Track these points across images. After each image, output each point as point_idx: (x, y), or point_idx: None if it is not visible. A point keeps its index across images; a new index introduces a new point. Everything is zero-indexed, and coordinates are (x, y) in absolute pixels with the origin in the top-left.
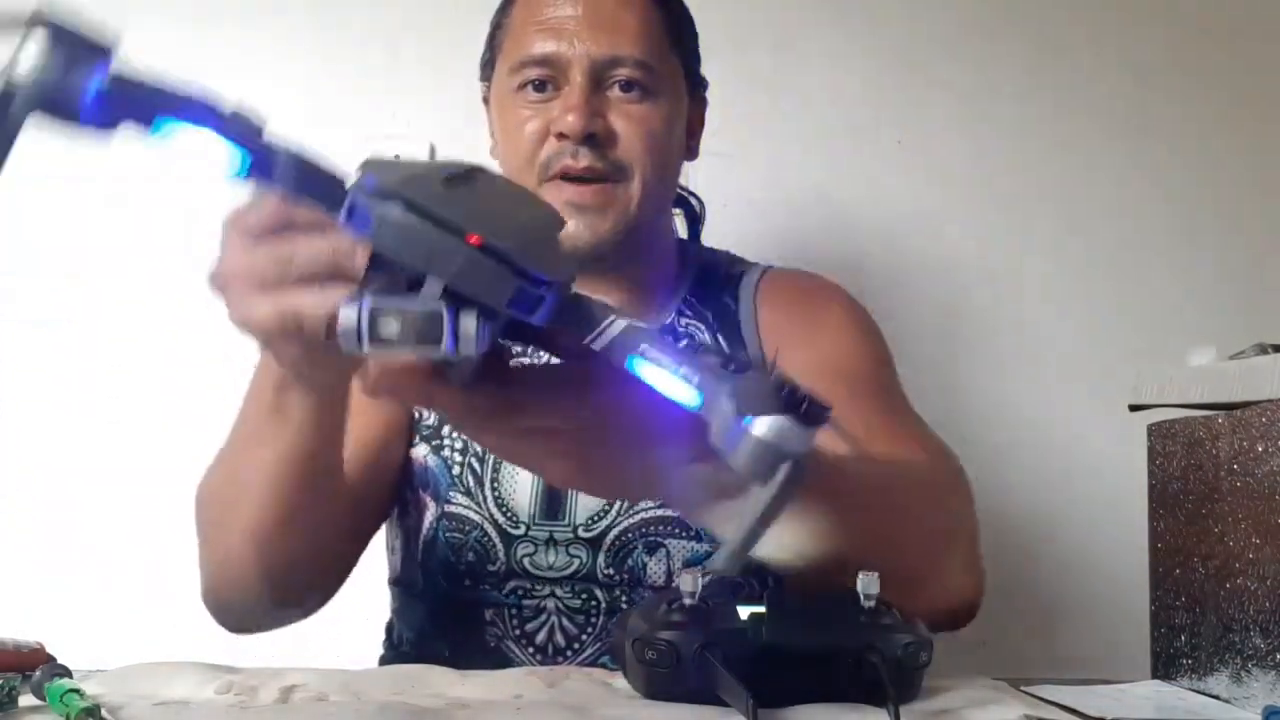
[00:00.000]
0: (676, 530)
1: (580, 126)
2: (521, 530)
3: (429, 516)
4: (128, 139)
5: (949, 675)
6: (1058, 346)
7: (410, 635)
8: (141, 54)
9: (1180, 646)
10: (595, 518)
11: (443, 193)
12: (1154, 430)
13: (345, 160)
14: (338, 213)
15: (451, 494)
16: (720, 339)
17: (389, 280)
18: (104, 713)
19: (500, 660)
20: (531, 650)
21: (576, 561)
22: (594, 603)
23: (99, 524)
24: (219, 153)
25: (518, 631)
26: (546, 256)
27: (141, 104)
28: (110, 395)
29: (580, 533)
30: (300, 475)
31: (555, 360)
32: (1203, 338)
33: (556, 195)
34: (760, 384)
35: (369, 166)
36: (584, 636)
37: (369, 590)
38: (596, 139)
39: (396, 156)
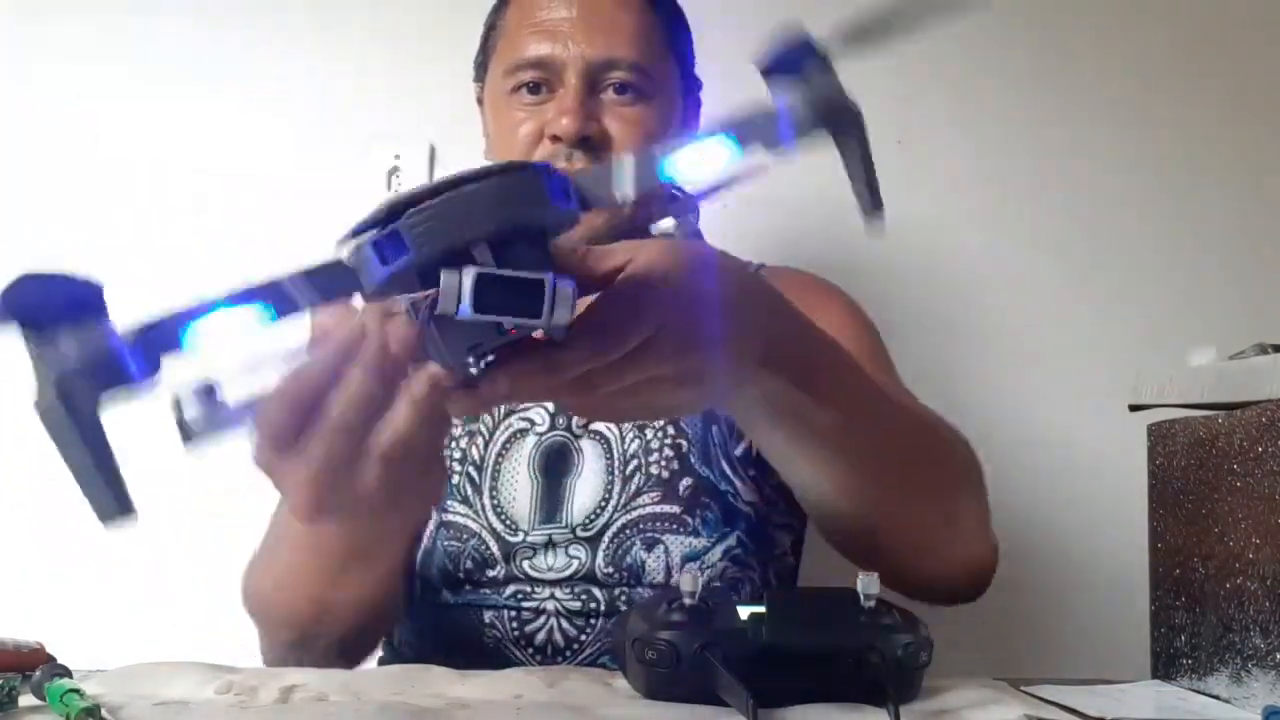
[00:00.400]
0: (674, 526)
1: (575, 130)
2: (520, 536)
3: (428, 526)
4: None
5: (949, 675)
6: (1058, 346)
7: (410, 639)
8: (142, 53)
9: (1180, 646)
10: (592, 516)
11: (429, 185)
12: (1154, 430)
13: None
14: (357, 290)
15: (449, 503)
16: None
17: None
18: (104, 713)
19: (500, 662)
20: (531, 651)
21: (575, 562)
22: (593, 604)
23: (99, 524)
24: (245, 318)
25: (517, 634)
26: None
27: (164, 335)
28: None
29: (578, 532)
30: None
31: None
32: (1203, 338)
33: None
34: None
35: (352, 233)
36: (583, 637)
37: None
38: (591, 142)
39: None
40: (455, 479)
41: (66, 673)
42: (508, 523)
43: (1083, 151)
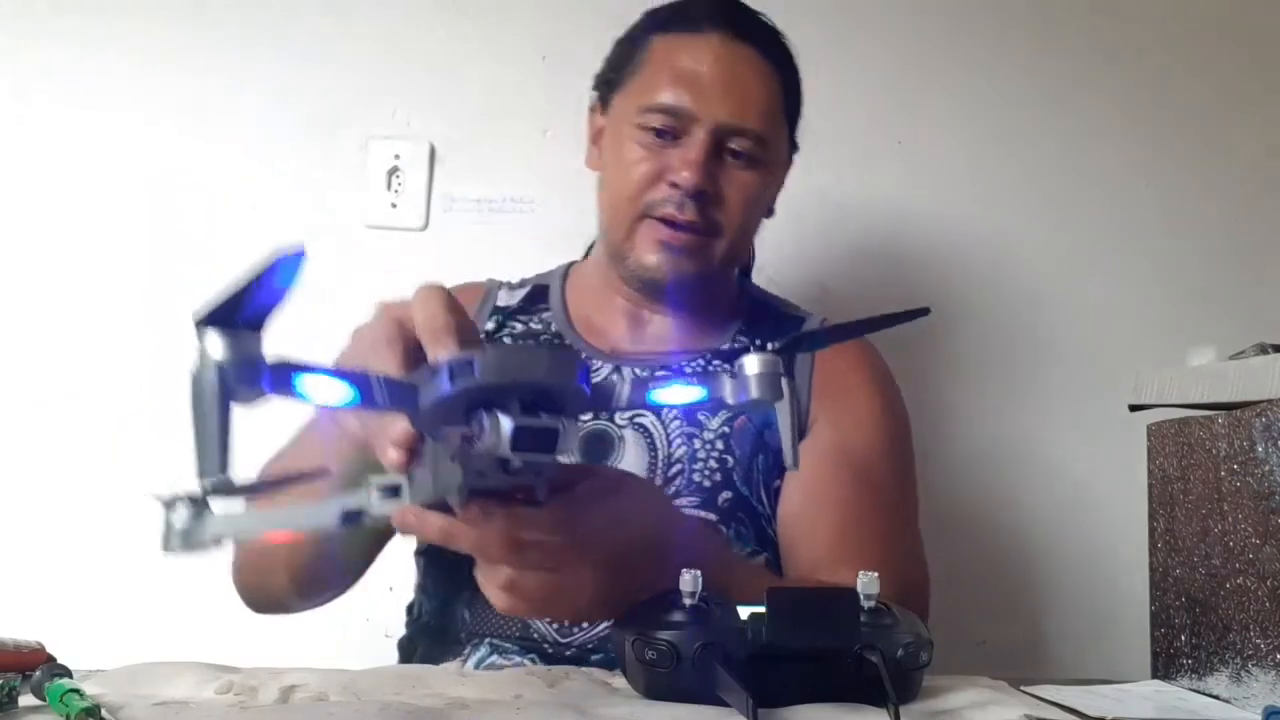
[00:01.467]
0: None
1: (695, 184)
2: None
3: None
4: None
5: (949, 675)
6: (1058, 346)
7: (433, 606)
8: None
9: (1180, 646)
10: None
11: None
12: (1154, 430)
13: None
14: (415, 407)
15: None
16: None
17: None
18: (104, 713)
19: (520, 626)
20: (556, 626)
21: None
22: None
23: (99, 524)
24: (337, 391)
25: None
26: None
27: (285, 371)
28: (110, 395)
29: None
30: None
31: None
32: (1203, 338)
33: (651, 232)
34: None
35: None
36: None
37: (369, 591)
38: (705, 196)
39: None
40: None
41: (66, 673)
42: None
43: (1081, 152)
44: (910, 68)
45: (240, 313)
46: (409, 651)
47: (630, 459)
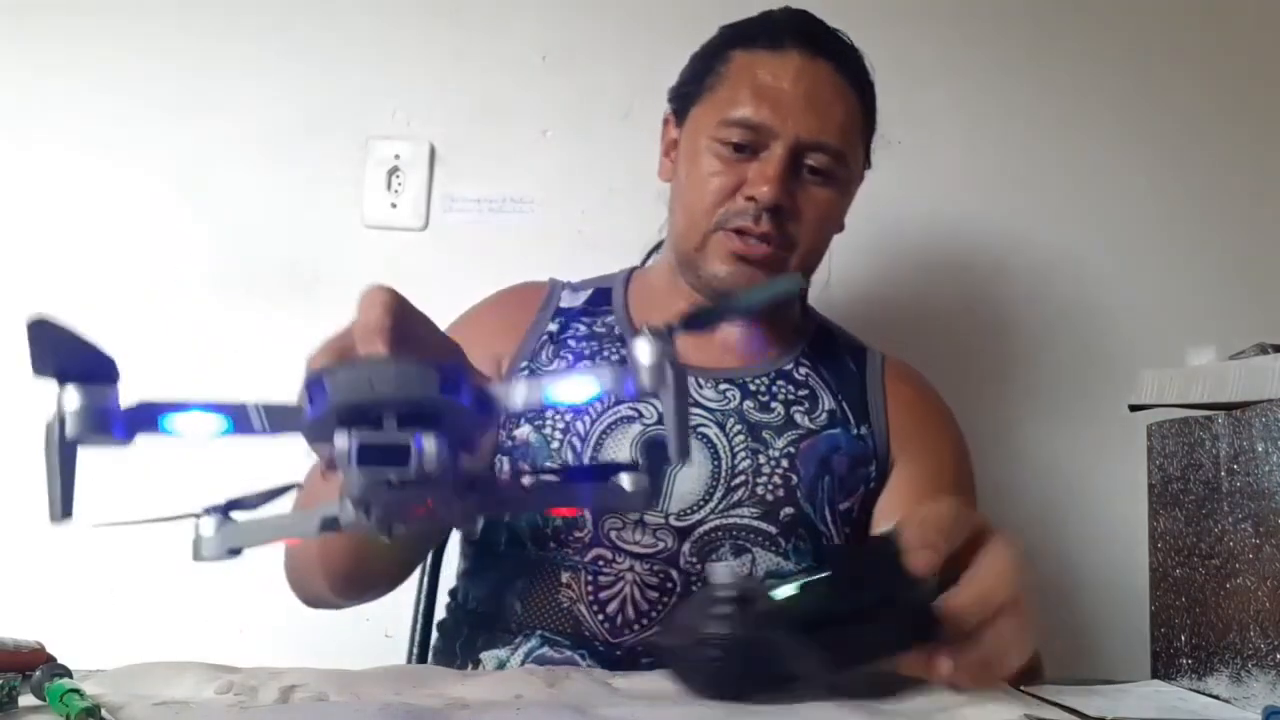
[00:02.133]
0: (766, 543)
1: (773, 199)
2: None
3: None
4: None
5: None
6: (1058, 346)
7: (481, 594)
8: (144, 53)
9: (1180, 646)
10: (690, 510)
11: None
12: (1154, 430)
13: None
14: (299, 429)
15: (548, 464)
16: (842, 400)
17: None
18: (104, 713)
19: (572, 622)
20: (602, 618)
21: (662, 544)
22: (670, 583)
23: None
24: (209, 424)
25: (591, 597)
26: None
27: (146, 416)
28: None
29: (672, 520)
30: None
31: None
32: (1203, 338)
33: (725, 243)
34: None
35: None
36: (653, 613)
37: None
38: (782, 211)
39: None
40: (556, 445)
41: (66, 673)
42: None
43: (1082, 151)
44: (910, 68)
45: (96, 365)
46: (453, 635)
47: (691, 468)
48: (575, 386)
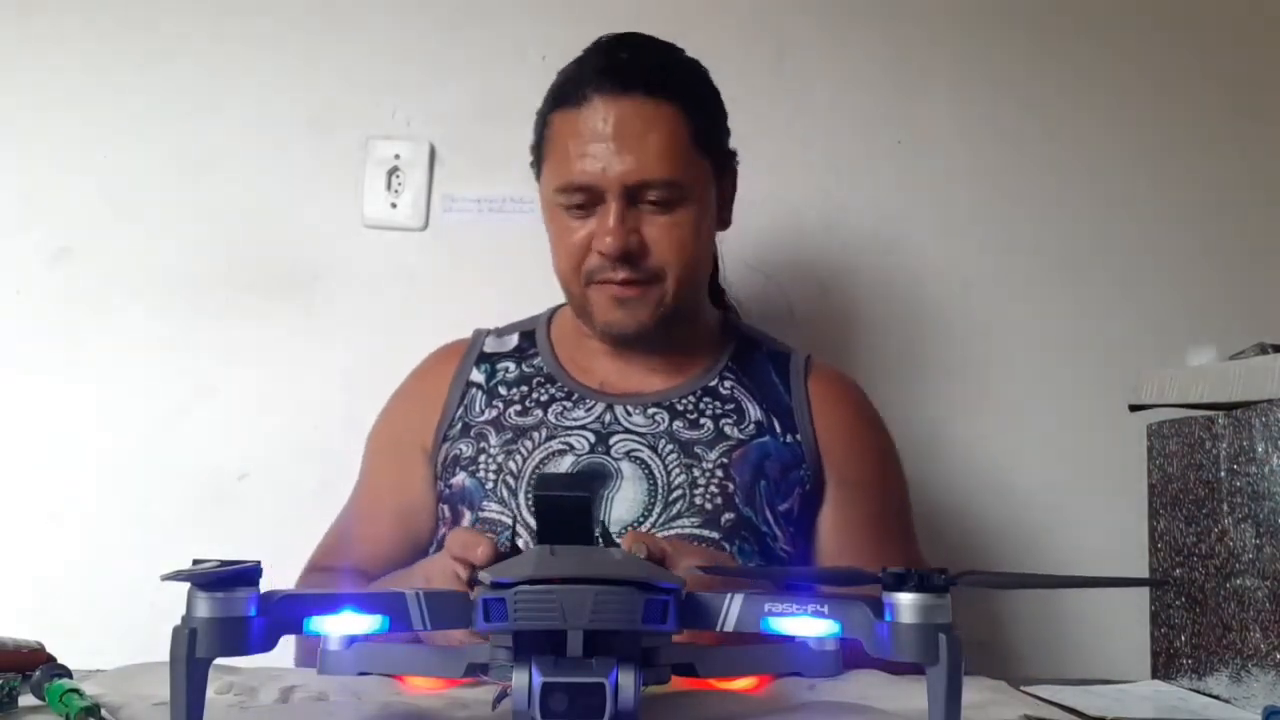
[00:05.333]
0: (710, 547)
1: (616, 248)
2: None
3: (464, 523)
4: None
5: None
6: (1058, 346)
7: None
8: (144, 53)
9: (1180, 646)
10: (630, 527)
11: (549, 558)
12: (1154, 430)
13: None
14: (469, 622)
15: (485, 503)
16: (767, 410)
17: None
18: (104, 713)
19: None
20: None
21: None
22: None
23: (99, 524)
24: (363, 624)
25: None
26: (654, 571)
27: (290, 617)
28: (110, 395)
29: (613, 538)
30: None
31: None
32: (1203, 338)
33: (602, 293)
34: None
35: (480, 585)
36: None
37: None
38: (632, 255)
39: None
40: (491, 484)
41: (66, 673)
42: None
43: (1082, 151)
44: (910, 68)
45: (230, 576)
46: None
47: (628, 490)
48: (813, 625)
